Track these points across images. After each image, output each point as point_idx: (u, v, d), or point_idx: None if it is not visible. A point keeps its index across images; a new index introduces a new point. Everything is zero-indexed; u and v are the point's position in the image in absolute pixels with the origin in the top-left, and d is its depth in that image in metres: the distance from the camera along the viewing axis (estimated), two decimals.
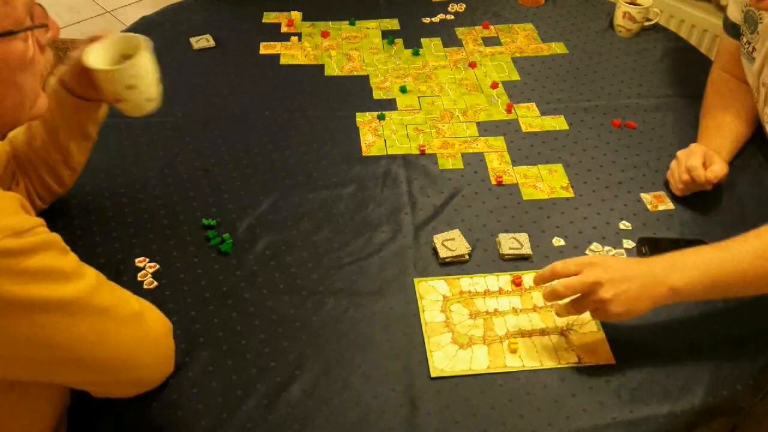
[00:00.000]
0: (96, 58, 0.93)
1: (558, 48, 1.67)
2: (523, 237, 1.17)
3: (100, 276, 0.81)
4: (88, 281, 0.77)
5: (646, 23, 1.70)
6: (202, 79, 1.55)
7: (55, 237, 0.75)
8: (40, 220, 0.74)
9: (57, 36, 0.87)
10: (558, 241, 1.17)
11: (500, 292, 1.09)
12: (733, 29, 1.37)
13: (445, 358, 0.99)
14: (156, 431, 0.91)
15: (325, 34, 1.70)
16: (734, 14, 1.35)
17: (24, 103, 0.80)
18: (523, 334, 1.03)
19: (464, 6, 1.82)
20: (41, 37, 0.81)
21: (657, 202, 1.25)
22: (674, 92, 1.53)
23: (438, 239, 1.15)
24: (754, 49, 1.29)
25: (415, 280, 1.10)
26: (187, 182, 1.27)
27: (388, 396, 0.95)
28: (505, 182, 1.29)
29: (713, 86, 1.41)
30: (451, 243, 1.15)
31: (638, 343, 1.02)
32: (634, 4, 1.66)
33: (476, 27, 1.74)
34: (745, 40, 1.32)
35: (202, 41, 1.65)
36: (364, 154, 1.35)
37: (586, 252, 1.15)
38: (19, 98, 0.79)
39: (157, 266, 1.11)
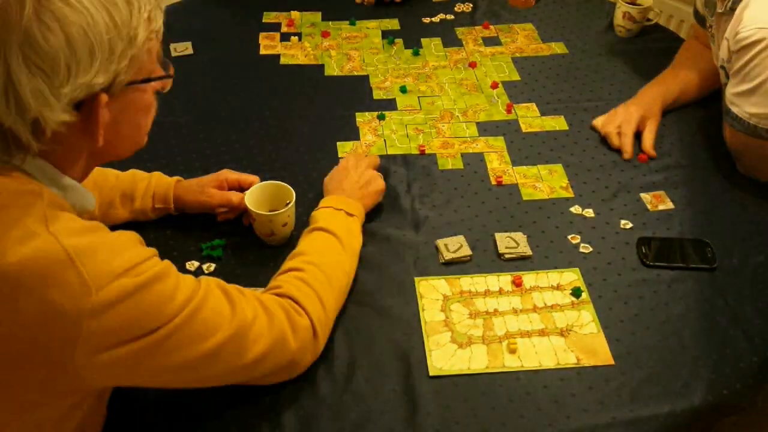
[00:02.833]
0: (250, 202, 1.12)
1: (558, 48, 1.67)
2: (519, 236, 1.17)
3: (207, 290, 0.82)
4: (192, 306, 0.78)
5: (646, 23, 1.70)
6: (202, 78, 1.55)
7: (164, 267, 0.77)
8: (151, 252, 0.78)
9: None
10: (586, 249, 1.17)
11: (500, 292, 1.09)
12: (698, 17, 1.47)
13: (444, 357, 0.99)
14: None
15: (325, 34, 1.70)
16: (699, 4, 1.45)
17: (138, 141, 0.87)
18: (523, 334, 1.03)
19: (471, 6, 1.82)
20: (159, 85, 0.86)
21: (657, 201, 1.25)
22: None
23: (441, 243, 1.15)
24: (712, 35, 1.35)
25: (416, 279, 1.10)
26: None
27: (388, 396, 0.95)
28: (505, 182, 1.29)
29: (685, 46, 1.56)
30: (455, 246, 1.15)
31: (638, 343, 1.02)
32: (634, 4, 1.66)
33: (476, 27, 1.74)
34: (708, 24, 1.38)
35: (181, 47, 1.63)
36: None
37: (581, 250, 1.15)
38: (136, 137, 0.86)
39: None
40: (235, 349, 0.83)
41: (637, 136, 1.38)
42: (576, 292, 1.08)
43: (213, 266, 1.12)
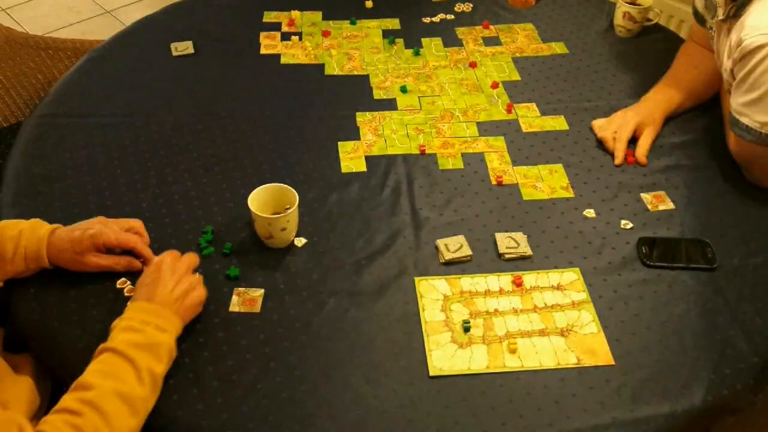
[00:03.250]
0: (252, 202, 1.11)
1: (558, 48, 1.67)
2: (519, 236, 1.17)
3: None
4: None
5: (646, 23, 1.70)
6: (202, 78, 1.55)
7: None
8: None
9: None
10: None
11: (501, 292, 1.09)
12: (697, 17, 1.45)
13: (444, 357, 0.99)
14: None
15: (325, 34, 1.70)
16: (699, 4, 1.42)
17: None
18: (523, 334, 1.03)
19: (471, 6, 1.82)
20: None
21: (657, 202, 1.25)
22: None
23: (441, 243, 1.15)
24: (713, 37, 1.35)
25: (416, 279, 1.10)
26: (188, 181, 1.27)
27: (388, 396, 0.95)
28: (506, 182, 1.29)
29: (684, 50, 1.54)
30: (455, 246, 1.15)
31: (638, 343, 1.02)
32: (634, 4, 1.66)
33: (476, 27, 1.74)
34: (708, 26, 1.37)
35: (182, 47, 1.63)
36: (364, 154, 1.35)
37: (581, 250, 1.15)
38: None
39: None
40: None
41: (634, 141, 1.37)
42: None
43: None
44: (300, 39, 1.68)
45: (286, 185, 1.15)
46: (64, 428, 0.81)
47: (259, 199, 1.13)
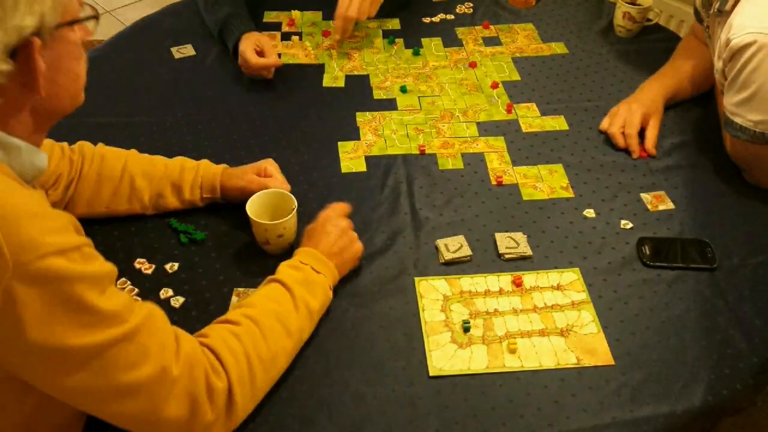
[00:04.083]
0: (251, 207, 1.11)
1: (558, 48, 1.67)
2: (519, 236, 1.17)
3: (146, 317, 0.77)
4: (117, 331, 0.73)
5: (646, 23, 1.70)
6: (202, 78, 1.55)
7: (104, 271, 0.74)
8: (87, 241, 0.74)
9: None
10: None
11: (500, 292, 1.09)
12: (697, 15, 1.45)
13: (444, 358, 0.99)
14: None
15: (326, 34, 1.70)
16: (698, 2, 1.42)
17: (77, 92, 0.83)
18: (523, 334, 1.03)
19: (471, 6, 1.82)
20: (88, 26, 0.82)
21: (657, 202, 1.25)
22: None
23: (441, 243, 1.15)
24: (709, 35, 1.35)
25: (416, 279, 1.10)
26: None
27: (388, 396, 0.95)
28: (505, 182, 1.29)
29: (683, 43, 1.56)
30: (455, 246, 1.15)
31: (638, 343, 1.02)
32: (634, 4, 1.66)
33: (476, 27, 1.74)
34: (705, 24, 1.38)
35: (183, 50, 1.63)
36: (364, 154, 1.35)
37: (581, 250, 1.15)
38: (75, 87, 0.82)
39: (153, 266, 1.11)
40: (151, 399, 0.77)
41: (640, 133, 1.38)
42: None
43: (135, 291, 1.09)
44: (300, 39, 1.68)
45: (285, 191, 1.14)
46: (226, 334, 0.88)
47: (258, 204, 1.12)
